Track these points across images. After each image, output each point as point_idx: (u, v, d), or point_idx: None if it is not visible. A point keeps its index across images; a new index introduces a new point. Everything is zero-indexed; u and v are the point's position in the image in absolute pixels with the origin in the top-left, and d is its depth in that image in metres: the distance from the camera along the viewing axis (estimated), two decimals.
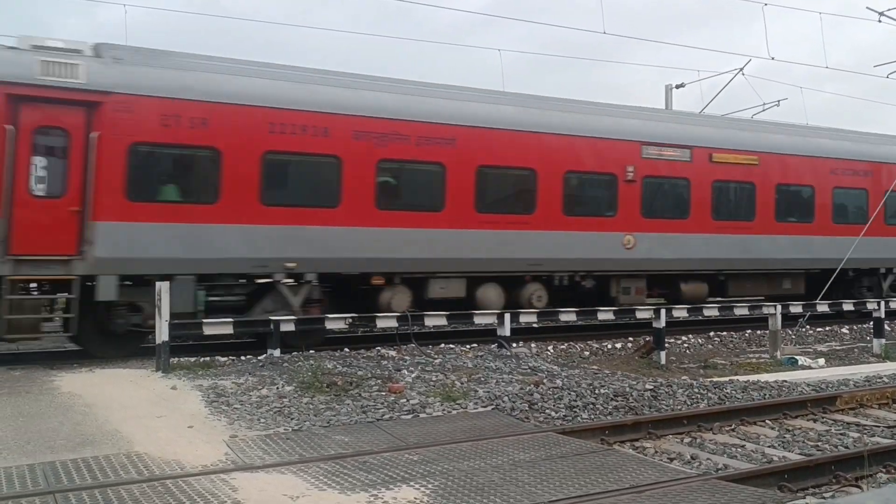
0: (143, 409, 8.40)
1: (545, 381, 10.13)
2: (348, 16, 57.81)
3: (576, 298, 15.79)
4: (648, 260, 16.48)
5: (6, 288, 11.22)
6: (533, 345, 14.54)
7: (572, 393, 9.38)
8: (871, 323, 16.40)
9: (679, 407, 9.22)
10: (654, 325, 14.08)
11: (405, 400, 8.92)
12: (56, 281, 11.68)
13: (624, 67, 66.49)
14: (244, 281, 13.19)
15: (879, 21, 19.33)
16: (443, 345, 13.68)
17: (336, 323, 12.57)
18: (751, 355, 15.25)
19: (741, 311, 15.79)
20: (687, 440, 8.15)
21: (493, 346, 13.32)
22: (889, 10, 19.24)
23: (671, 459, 7.33)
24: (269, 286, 13.27)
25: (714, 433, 8.40)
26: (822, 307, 16.76)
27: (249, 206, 12.83)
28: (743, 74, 24.58)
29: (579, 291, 16.13)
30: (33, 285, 11.71)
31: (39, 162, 11.58)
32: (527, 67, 45.56)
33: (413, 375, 10.33)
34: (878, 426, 8.90)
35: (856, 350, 15.94)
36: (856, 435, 8.41)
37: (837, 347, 16.35)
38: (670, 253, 16.72)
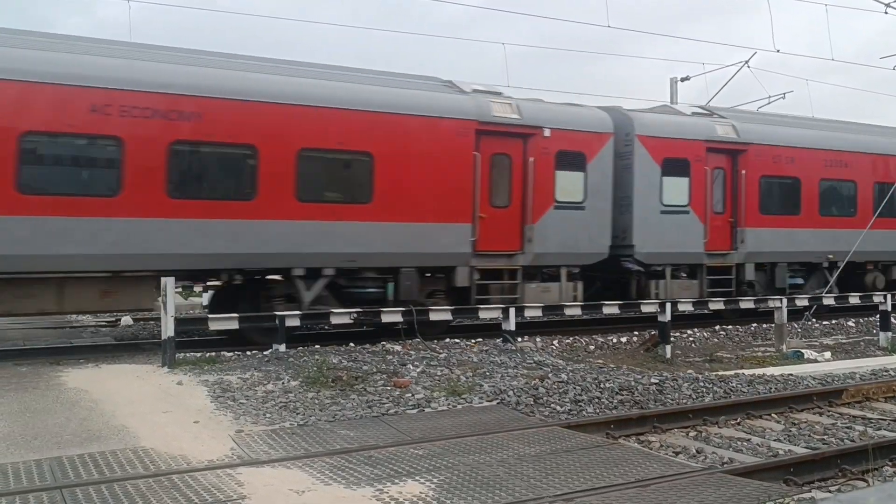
0: (148, 405, 8.43)
1: (550, 375, 10.12)
2: (348, 11, 57.77)
3: None
4: None
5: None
6: (538, 339, 14.54)
7: (577, 387, 9.38)
8: (878, 316, 16.36)
9: (684, 401, 9.21)
10: (660, 318, 14.06)
11: (410, 394, 8.92)
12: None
13: (628, 61, 66.27)
14: None
15: (886, 13, 19.21)
16: (448, 339, 13.69)
17: (342, 318, 12.61)
18: (756, 349, 15.22)
19: (747, 304, 15.77)
20: (692, 434, 8.14)
21: (498, 340, 13.32)
22: (894, 1, 19.11)
23: (677, 453, 7.32)
24: None
25: (720, 427, 8.40)
26: (828, 301, 16.72)
27: None
28: (748, 67, 24.54)
29: None
30: None
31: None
32: (525, 61, 45.47)
33: (418, 370, 10.34)
34: (885, 419, 8.89)
35: (862, 343, 15.89)
36: (862, 428, 8.39)
37: (843, 341, 16.31)
38: None
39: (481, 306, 13.91)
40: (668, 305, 14.05)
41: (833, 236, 18.81)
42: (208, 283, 14.76)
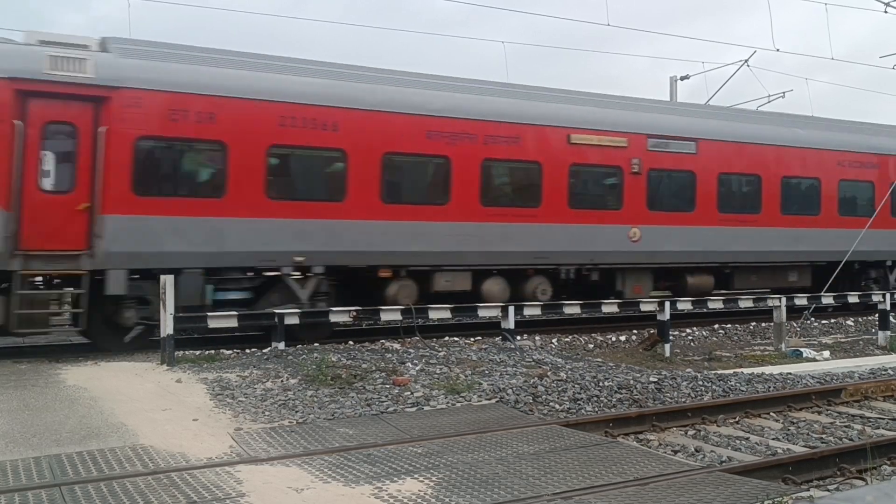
0: (148, 402, 8.43)
1: (549, 373, 10.13)
2: (341, 7, 57.72)
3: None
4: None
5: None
6: (537, 337, 14.55)
7: (576, 385, 9.38)
8: (877, 315, 16.37)
9: (683, 399, 9.22)
10: (659, 317, 14.07)
11: (409, 392, 8.93)
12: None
13: (627, 59, 66.28)
14: None
15: (885, 12, 19.20)
16: (447, 338, 13.70)
17: (340, 316, 12.63)
18: (755, 347, 15.23)
19: (746, 303, 15.78)
20: (691, 432, 8.15)
21: (497, 338, 13.33)
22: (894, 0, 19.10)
23: (675, 452, 7.33)
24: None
25: (718, 425, 8.40)
26: (827, 299, 16.72)
27: None
28: (748, 66, 24.53)
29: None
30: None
31: None
32: (523, 59, 45.49)
33: (417, 368, 10.35)
34: (883, 418, 8.89)
35: (861, 342, 15.90)
36: (860, 427, 8.40)
37: (842, 339, 16.32)
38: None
39: (480, 304, 13.88)
40: (668, 304, 14.06)
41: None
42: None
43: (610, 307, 14.90)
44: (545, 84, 17.05)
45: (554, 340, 14.63)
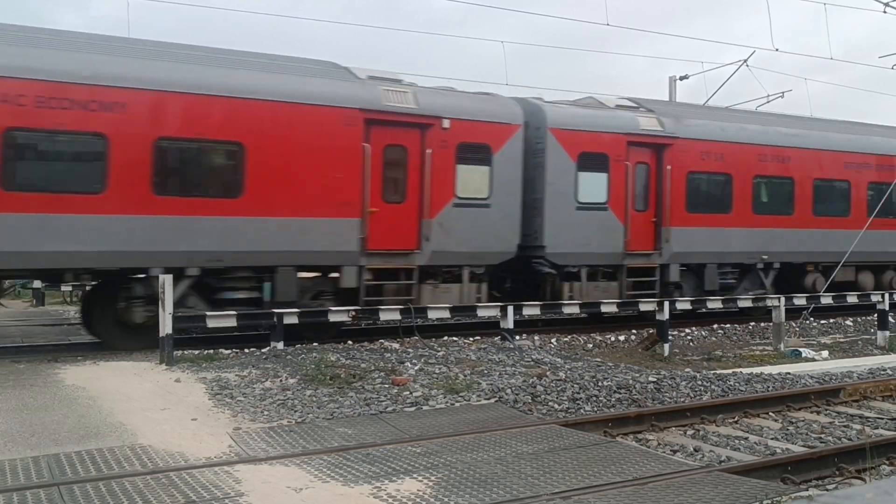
0: (147, 402, 8.43)
1: (548, 373, 10.13)
2: (340, 7, 57.69)
3: None
4: None
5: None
6: (536, 337, 14.55)
7: (575, 385, 9.38)
8: (875, 315, 16.38)
9: (682, 399, 9.22)
10: (658, 317, 14.07)
11: (408, 392, 8.93)
12: None
13: (626, 59, 66.27)
14: None
15: (885, 12, 19.19)
16: (446, 337, 13.70)
17: (339, 315, 12.64)
18: (754, 347, 15.23)
19: (745, 303, 15.79)
20: (690, 432, 8.15)
21: (496, 338, 13.33)
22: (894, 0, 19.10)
23: (674, 451, 7.33)
24: None
25: (717, 425, 8.41)
26: (826, 299, 16.73)
27: None
28: (747, 66, 24.58)
29: None
30: None
31: None
32: (519, 58, 45.47)
33: (416, 368, 10.35)
34: (882, 418, 8.90)
35: (860, 342, 15.91)
36: (859, 427, 8.40)
37: (841, 339, 16.33)
38: None
39: (479, 304, 13.91)
40: (667, 304, 14.06)
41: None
42: None
43: (609, 307, 14.93)
44: (542, 84, 17.41)
45: (553, 340, 14.63)
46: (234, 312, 12.08)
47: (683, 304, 15.39)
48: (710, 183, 17.77)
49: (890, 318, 16.07)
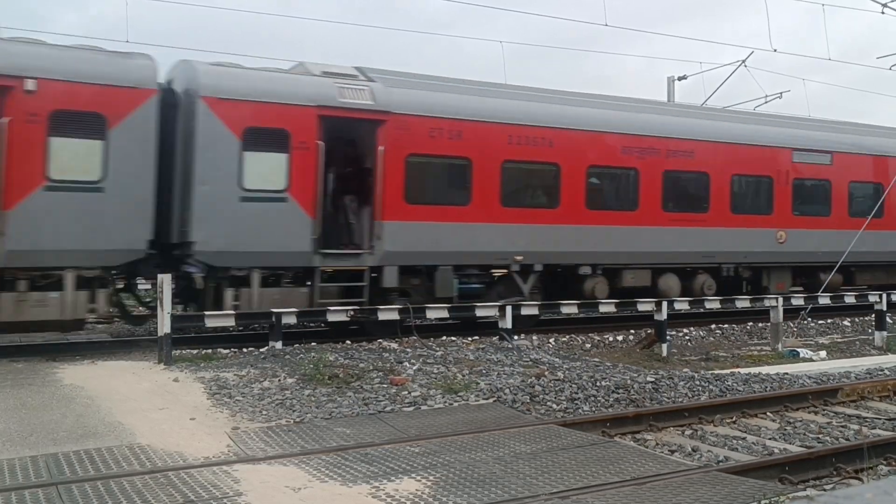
0: (145, 401, 8.43)
1: (546, 373, 10.14)
2: (340, 7, 57.66)
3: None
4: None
5: None
6: (534, 337, 14.55)
7: (574, 385, 9.39)
8: (873, 315, 16.40)
9: (680, 399, 9.23)
10: (656, 317, 14.08)
11: (407, 392, 8.93)
12: None
13: (624, 59, 66.30)
14: None
15: (882, 13, 19.21)
16: (444, 337, 13.70)
17: (338, 315, 12.62)
18: (752, 348, 15.25)
19: (742, 303, 15.80)
20: (688, 432, 8.16)
21: (494, 338, 13.33)
22: (892, 1, 19.12)
23: (672, 451, 7.34)
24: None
25: (715, 425, 8.41)
26: (824, 300, 16.74)
27: None
28: (745, 66, 24.57)
29: None
30: None
31: None
32: (517, 59, 45.48)
33: (415, 368, 10.35)
34: (880, 418, 8.91)
35: (857, 342, 15.93)
36: (857, 427, 8.42)
37: (839, 340, 16.35)
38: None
39: (479, 304, 13.88)
40: (665, 304, 14.07)
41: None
42: None
43: (607, 307, 14.92)
44: (537, 84, 17.11)
45: (551, 340, 14.63)
46: (232, 312, 12.08)
47: (682, 305, 15.40)
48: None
49: (888, 319, 16.09)
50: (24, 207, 11.26)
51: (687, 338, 15.96)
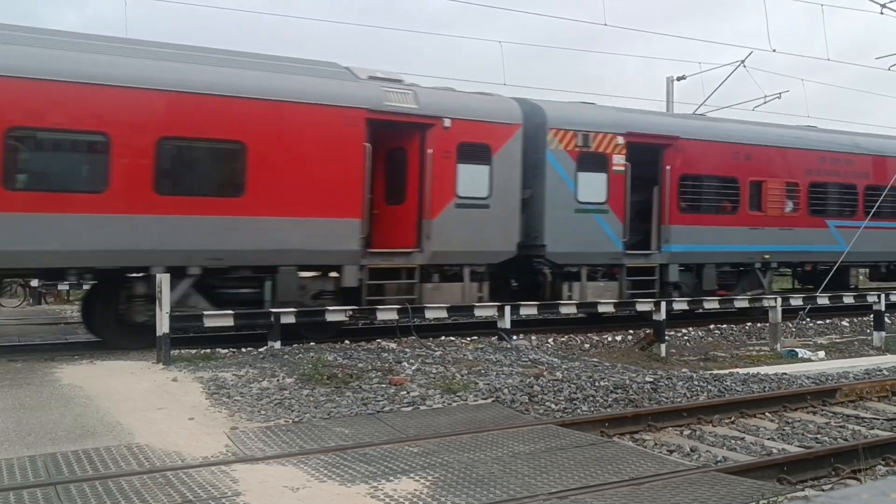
0: (143, 401, 8.42)
1: (545, 373, 10.14)
2: (340, 7, 57.69)
3: None
4: None
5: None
6: (533, 337, 14.56)
7: (572, 385, 9.39)
8: (872, 316, 16.42)
9: (679, 399, 9.23)
10: (655, 317, 14.09)
11: (406, 392, 8.93)
12: None
13: (623, 60, 66.29)
14: None
15: (881, 13, 19.21)
16: (443, 337, 13.70)
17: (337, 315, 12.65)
18: (751, 348, 15.27)
19: (741, 303, 15.82)
20: (687, 432, 8.16)
21: (493, 338, 13.33)
22: (890, 1, 19.13)
23: (671, 451, 7.34)
24: None
25: (714, 425, 8.42)
26: (822, 300, 16.77)
27: None
28: (744, 66, 24.59)
29: None
30: None
31: None
32: (515, 59, 45.55)
33: (413, 368, 10.35)
34: (878, 419, 8.92)
35: (856, 343, 15.95)
36: (855, 428, 8.42)
37: (837, 340, 16.37)
38: None
39: (476, 304, 13.92)
40: (664, 304, 14.08)
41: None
42: None
43: (606, 307, 14.95)
44: (539, 84, 17.49)
45: (550, 340, 14.64)
46: (231, 312, 12.08)
47: (680, 304, 15.41)
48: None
49: (886, 319, 16.11)
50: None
51: (685, 338, 15.98)
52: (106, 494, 5.37)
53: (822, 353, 14.24)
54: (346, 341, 13.13)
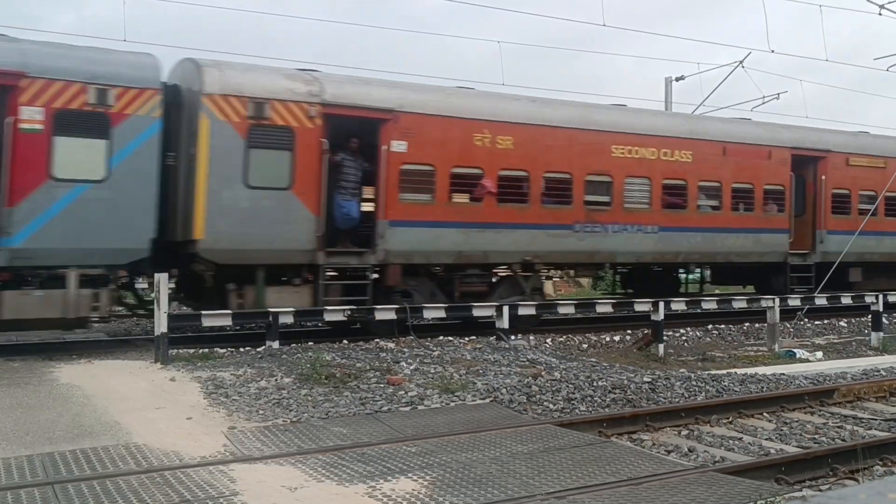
0: (141, 401, 8.42)
1: (543, 373, 10.15)
2: (325, 5, 57.65)
3: None
4: None
5: None
6: (531, 337, 14.55)
7: (570, 385, 9.40)
8: (869, 316, 16.43)
9: (677, 399, 9.24)
10: (653, 317, 14.09)
11: (404, 392, 8.93)
12: None
13: (621, 60, 66.34)
14: None
15: (880, 14, 19.22)
16: (441, 337, 13.69)
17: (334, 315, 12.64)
18: (749, 348, 15.26)
19: (739, 304, 15.82)
20: (685, 433, 8.17)
21: (491, 338, 13.33)
22: (889, 2, 19.15)
23: (669, 452, 7.35)
24: None
25: (712, 426, 8.43)
26: (821, 300, 16.77)
27: None
28: (743, 67, 24.61)
29: None
30: None
31: None
32: (512, 59, 45.59)
33: (412, 367, 10.35)
34: (875, 419, 8.93)
35: (854, 343, 15.96)
36: (853, 428, 8.43)
37: (835, 340, 16.37)
38: None
39: (476, 304, 13.87)
40: (662, 304, 14.08)
41: None
42: None
43: (604, 307, 14.94)
44: (538, 84, 17.19)
45: (548, 340, 14.63)
46: (229, 312, 12.07)
47: (678, 304, 15.40)
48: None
49: (884, 320, 16.12)
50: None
51: (684, 338, 15.97)
52: (104, 494, 5.37)
53: (819, 354, 14.24)
54: (345, 341, 13.13)
